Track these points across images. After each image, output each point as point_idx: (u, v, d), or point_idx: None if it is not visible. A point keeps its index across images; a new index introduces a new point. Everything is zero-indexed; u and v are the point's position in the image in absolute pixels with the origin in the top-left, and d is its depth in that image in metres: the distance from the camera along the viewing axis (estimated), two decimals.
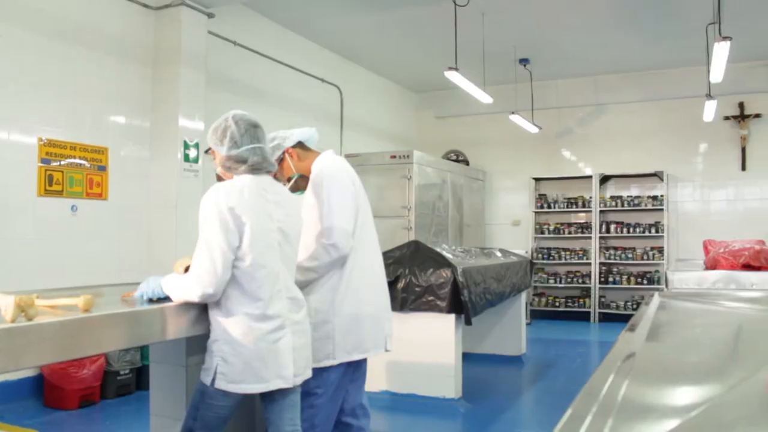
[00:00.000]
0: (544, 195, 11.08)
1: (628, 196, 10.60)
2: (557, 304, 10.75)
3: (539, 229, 11.01)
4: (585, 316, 10.52)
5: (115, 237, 5.99)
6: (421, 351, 5.34)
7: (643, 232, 10.36)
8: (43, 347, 1.99)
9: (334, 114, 9.35)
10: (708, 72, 7.35)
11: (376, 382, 5.37)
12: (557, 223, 10.95)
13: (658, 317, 1.77)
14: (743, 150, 10.09)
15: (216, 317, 2.50)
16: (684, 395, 0.94)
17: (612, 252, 10.55)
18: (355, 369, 3.13)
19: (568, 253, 10.81)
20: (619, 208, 10.57)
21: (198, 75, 6.43)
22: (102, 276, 5.42)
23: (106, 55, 5.93)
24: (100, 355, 5.29)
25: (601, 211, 10.61)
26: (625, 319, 1.60)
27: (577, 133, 11.11)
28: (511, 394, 6.14)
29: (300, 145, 3.20)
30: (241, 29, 7.45)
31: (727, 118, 10.10)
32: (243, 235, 2.47)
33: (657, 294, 2.23)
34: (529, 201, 11.11)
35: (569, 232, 10.81)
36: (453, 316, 5.22)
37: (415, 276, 5.26)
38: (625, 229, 10.49)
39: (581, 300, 10.63)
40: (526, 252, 10.25)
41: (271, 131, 3.04)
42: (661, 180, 10.33)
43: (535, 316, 10.59)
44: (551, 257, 10.88)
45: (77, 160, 5.65)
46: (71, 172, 5.60)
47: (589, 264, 10.59)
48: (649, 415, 0.81)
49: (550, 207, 10.97)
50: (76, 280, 4.81)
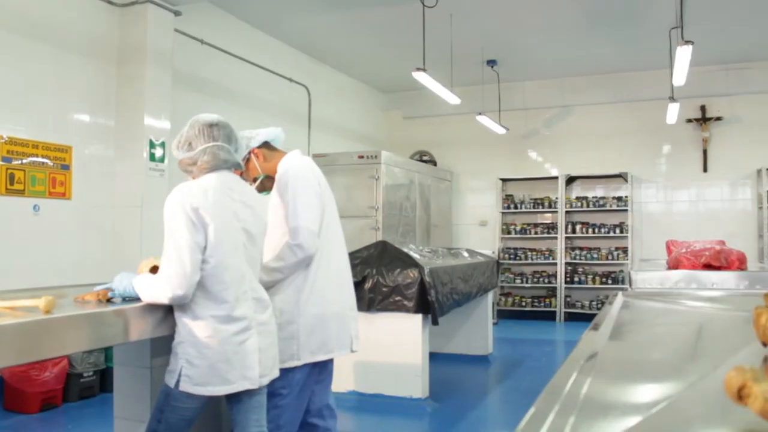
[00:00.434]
0: (511, 195, 11.17)
1: (594, 197, 10.72)
2: (524, 303, 10.84)
3: (506, 229, 11.09)
4: (551, 316, 10.62)
5: (79, 237, 5.89)
6: (388, 351, 5.35)
7: (608, 233, 10.49)
8: (3, 349, 1.94)
9: (302, 114, 9.32)
10: (671, 75, 7.47)
11: (343, 382, 5.37)
12: (524, 224, 11.04)
13: (621, 316, 1.79)
14: (705, 152, 10.27)
15: (181, 319, 2.47)
16: (645, 393, 0.95)
17: (577, 252, 10.66)
18: (321, 369, 3.11)
19: (534, 253, 10.90)
20: (584, 209, 10.69)
21: (164, 73, 6.36)
22: (65, 277, 5.33)
23: (70, 53, 5.84)
24: (62, 358, 5.20)
25: (566, 212, 10.73)
26: (590, 318, 1.63)
27: (543, 135, 11.22)
28: (478, 394, 6.18)
29: (266, 145, 3.17)
30: (208, 28, 7.38)
31: (689, 121, 10.28)
32: (207, 236, 2.45)
33: (620, 293, 2.26)
34: (496, 201, 11.19)
35: (536, 233, 10.90)
36: (420, 316, 5.23)
37: (382, 276, 5.26)
38: (590, 230, 10.61)
39: (547, 300, 10.73)
40: (493, 252, 10.30)
41: (238, 131, 3.02)
42: (626, 181, 10.47)
43: (502, 315, 10.66)
44: (518, 257, 10.96)
45: (40, 159, 5.55)
46: (34, 171, 5.50)
47: (555, 264, 10.69)
48: (610, 413, 0.82)
49: (516, 207, 11.05)
50: (38, 280, 4.73)
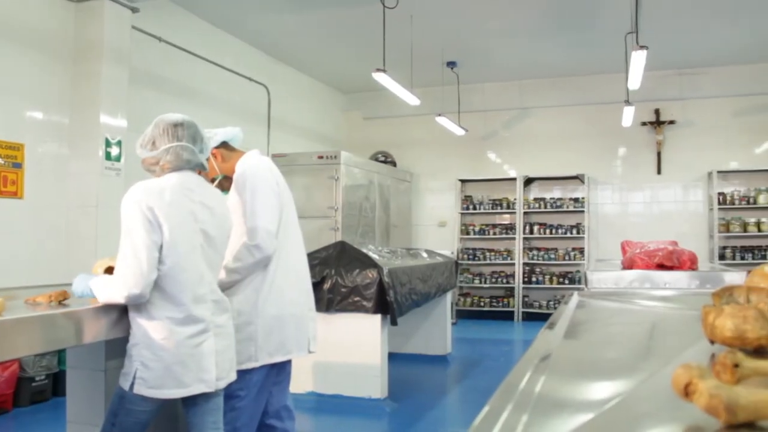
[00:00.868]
0: (470, 196, 11.24)
1: (551, 198, 10.86)
2: (482, 303, 10.92)
3: (465, 230, 11.16)
4: (509, 316, 10.72)
5: (32, 237, 5.75)
6: (347, 351, 5.35)
7: (565, 233, 10.63)
8: None
9: (261, 114, 9.26)
10: (626, 79, 7.61)
11: (301, 383, 5.35)
12: (482, 224, 11.12)
13: (576, 316, 1.82)
14: (659, 155, 10.48)
15: (136, 320, 2.43)
16: (597, 390, 0.97)
17: (535, 252, 10.78)
18: (279, 371, 3.09)
19: (492, 253, 10.99)
20: (542, 210, 10.82)
21: (121, 71, 6.25)
22: (17, 278, 5.20)
23: (24, 48, 5.71)
24: (13, 361, 5.07)
25: (524, 213, 10.84)
26: (547, 317, 1.65)
27: (502, 136, 11.32)
28: (437, 393, 6.21)
29: (224, 145, 3.15)
30: (166, 25, 7.27)
31: (644, 124, 10.48)
32: (163, 235, 2.42)
33: (576, 293, 2.29)
34: (455, 202, 11.25)
35: (494, 233, 10.99)
36: (379, 317, 5.24)
37: (341, 277, 5.26)
38: (547, 230, 10.74)
39: (505, 299, 10.82)
40: (452, 252, 10.36)
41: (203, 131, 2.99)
42: (583, 183, 10.63)
43: (461, 315, 10.72)
44: (476, 258, 11.04)
45: None
46: None
47: (513, 264, 10.80)
48: (563, 410, 0.83)
49: (475, 208, 11.13)
50: None
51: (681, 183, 10.49)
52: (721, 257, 9.83)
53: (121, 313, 2.47)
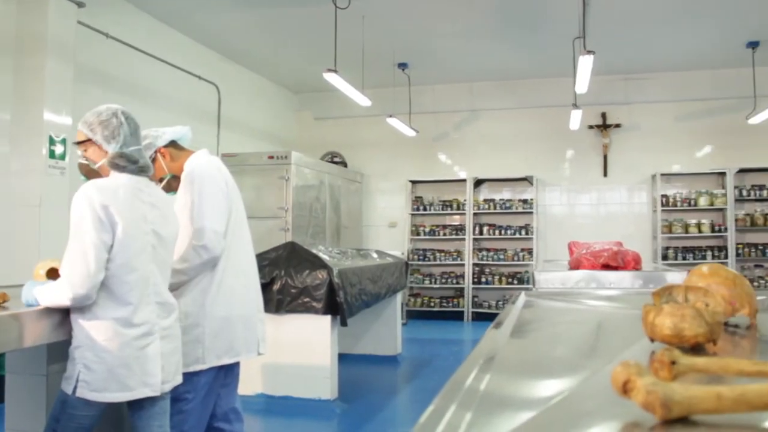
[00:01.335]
0: (421, 197, 11.30)
1: (501, 200, 10.98)
2: (432, 304, 10.98)
3: (415, 230, 11.21)
4: (459, 316, 10.80)
5: None
6: (297, 352, 5.32)
7: (514, 234, 10.76)
8: None
9: (211, 113, 9.14)
10: (574, 83, 7.75)
11: (250, 384, 5.31)
12: (433, 225, 11.18)
13: (522, 315, 1.85)
14: (605, 157, 10.70)
15: (78, 321, 2.37)
16: (541, 388, 0.99)
17: (485, 253, 10.89)
18: (227, 373, 3.06)
19: (442, 254, 11.06)
20: (491, 211, 10.93)
21: (66, 67, 6.10)
22: None
23: None
24: None
25: (474, 214, 10.94)
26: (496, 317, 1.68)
27: (452, 138, 11.40)
28: (387, 394, 6.22)
29: (173, 144, 3.10)
30: (114, 21, 7.11)
31: (591, 127, 10.68)
32: (115, 235, 2.37)
33: (523, 293, 2.33)
34: (406, 203, 11.29)
35: (444, 234, 11.06)
36: (329, 318, 5.23)
37: (291, 277, 5.23)
38: (497, 231, 10.85)
39: (455, 300, 10.90)
40: (402, 253, 10.41)
41: (144, 129, 2.95)
42: (531, 184, 10.78)
43: (411, 316, 10.77)
44: (426, 258, 11.10)
45: None
46: None
47: (463, 265, 10.88)
48: (507, 408, 0.85)
49: (426, 209, 11.18)
50: None
51: (626, 185, 10.73)
52: (664, 257, 10.08)
53: (64, 315, 2.41)
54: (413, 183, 11.32)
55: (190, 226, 2.87)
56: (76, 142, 2.59)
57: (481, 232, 10.91)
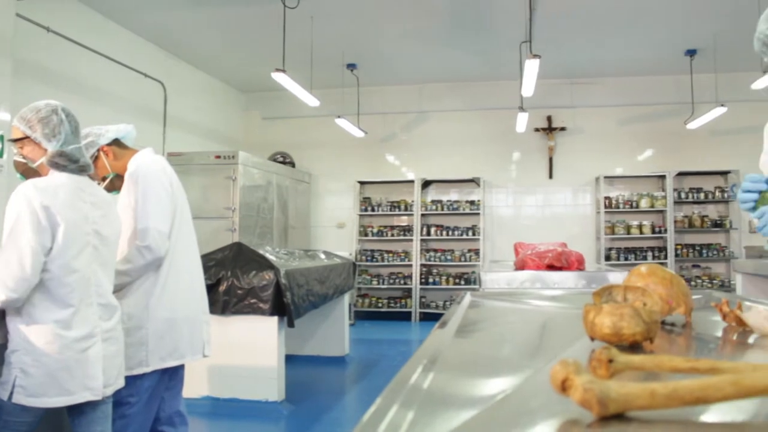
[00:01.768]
0: (369, 198, 11.30)
1: (448, 201, 11.06)
2: (380, 304, 11.00)
3: (363, 231, 11.21)
4: (406, 316, 10.84)
5: None
6: (244, 354, 5.27)
7: (462, 235, 10.85)
8: None
9: (157, 111, 8.98)
10: (521, 86, 7.87)
11: (196, 387, 5.24)
12: (381, 226, 11.20)
13: (468, 315, 1.86)
14: (551, 160, 10.88)
15: (16, 325, 2.30)
16: (484, 387, 1.00)
17: (432, 254, 10.95)
18: (171, 375, 3.02)
19: (390, 255, 11.09)
20: (439, 212, 11.00)
21: (3, 61, 5.91)
22: None
23: None
24: None
25: (422, 215, 10.99)
26: None
27: (401, 139, 11.44)
28: (334, 395, 6.21)
29: (116, 142, 3.05)
30: (56, 15, 6.90)
31: (537, 130, 10.85)
32: (56, 236, 2.31)
33: (469, 293, 2.35)
34: (354, 204, 11.29)
35: (392, 235, 11.09)
36: (276, 319, 5.19)
37: (237, 278, 5.18)
38: (444, 232, 10.92)
39: (403, 300, 10.94)
40: (350, 254, 10.40)
41: (87, 127, 2.88)
42: (478, 186, 10.89)
43: (359, 316, 10.77)
44: (374, 259, 11.11)
45: None
46: None
47: (411, 265, 10.93)
48: (449, 407, 0.85)
49: (374, 210, 11.19)
50: None
51: (571, 187, 10.93)
52: (607, 258, 10.30)
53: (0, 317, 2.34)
54: (361, 184, 11.33)
55: (134, 226, 2.82)
56: (12, 140, 2.51)
57: (428, 233, 10.97)
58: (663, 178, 10.45)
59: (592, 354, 0.88)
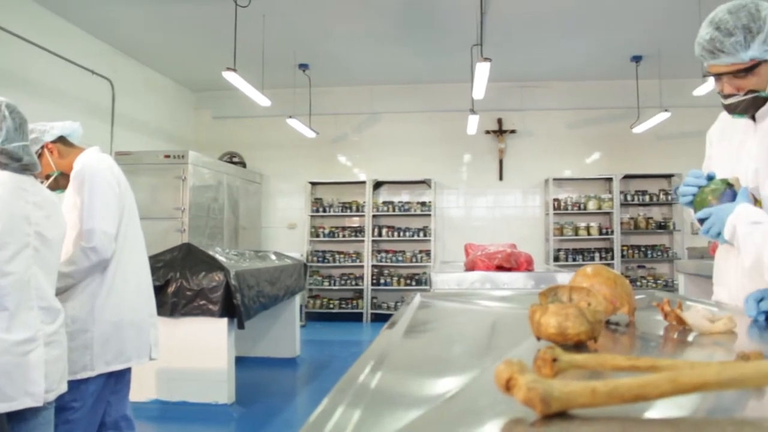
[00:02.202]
0: (320, 199, 11.27)
1: (399, 202, 11.10)
2: (331, 305, 10.98)
3: (315, 232, 11.17)
4: (358, 317, 10.84)
5: None
6: (193, 356, 5.21)
7: (413, 236, 10.89)
8: None
9: (104, 109, 8.78)
10: (472, 89, 7.94)
11: (144, 390, 5.16)
12: (332, 227, 11.18)
13: (417, 316, 1.87)
14: (501, 162, 11.01)
15: None
16: (431, 387, 1.01)
17: (384, 255, 10.98)
18: (117, 379, 2.96)
19: (342, 256, 11.08)
20: (390, 213, 11.03)
21: None
22: None
23: None
24: None
25: (373, 216, 11.01)
26: None
27: (352, 140, 11.44)
28: (285, 396, 6.17)
29: (61, 140, 2.98)
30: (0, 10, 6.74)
31: (488, 132, 10.97)
32: None
33: (418, 294, 2.36)
34: (305, 205, 11.24)
35: (344, 236, 11.08)
36: (225, 320, 5.15)
37: (186, 280, 5.12)
38: (396, 233, 10.96)
39: (354, 301, 10.94)
40: (301, 255, 10.37)
41: (30, 124, 2.81)
42: (430, 187, 10.96)
43: (310, 317, 10.73)
44: (326, 260, 11.08)
45: None
46: None
47: (362, 266, 10.93)
48: (396, 406, 0.86)
49: (325, 211, 11.17)
50: None
51: (521, 189, 11.07)
52: (556, 259, 10.46)
53: None
54: (313, 184, 11.29)
55: (79, 226, 2.76)
56: None
57: (380, 234, 10.99)
58: (610, 180, 10.66)
59: (537, 353, 0.89)
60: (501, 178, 11.03)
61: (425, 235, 10.86)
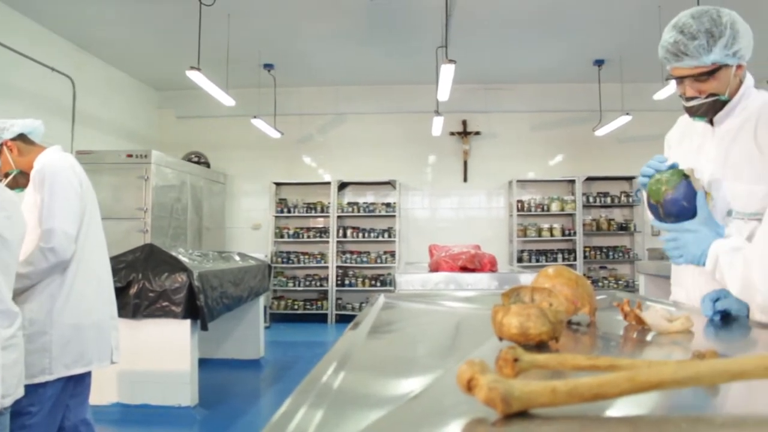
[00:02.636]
0: (285, 200, 11.21)
1: (364, 203, 11.10)
2: (296, 306, 10.93)
3: (279, 233, 11.11)
4: (323, 318, 10.82)
5: None
6: (155, 359, 5.15)
7: (378, 237, 10.90)
8: None
9: (65, 107, 8.62)
10: (437, 90, 7.98)
11: (105, 394, 5.09)
12: (297, 228, 11.13)
13: (381, 316, 1.87)
14: (465, 163, 11.07)
15: None
16: (394, 387, 1.01)
17: (348, 256, 10.96)
18: (77, 383, 2.91)
19: (306, 256, 11.04)
20: (355, 214, 11.02)
21: None
22: None
23: None
24: None
25: (338, 217, 10.99)
26: None
27: (317, 140, 11.41)
28: (249, 398, 6.13)
29: (22, 137, 2.93)
30: None
31: (452, 134, 11.02)
32: None
33: (382, 295, 2.36)
34: (270, 205, 11.18)
35: (308, 237, 11.04)
36: (189, 322, 5.10)
37: (148, 281, 5.05)
38: (360, 234, 10.95)
39: (319, 302, 10.91)
40: (266, 256, 10.32)
41: None
42: (394, 188, 10.98)
43: (275, 319, 10.68)
44: (290, 261, 11.03)
45: None
46: None
47: (327, 267, 10.91)
48: (359, 407, 0.86)
49: (290, 212, 11.11)
50: None
51: (485, 190, 11.14)
52: (519, 260, 10.56)
53: None
54: (277, 185, 11.23)
55: (39, 227, 2.71)
56: None
57: (344, 235, 10.97)
58: (573, 182, 10.79)
59: (499, 354, 0.90)
60: (465, 180, 11.10)
61: (390, 236, 10.88)
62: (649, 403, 0.85)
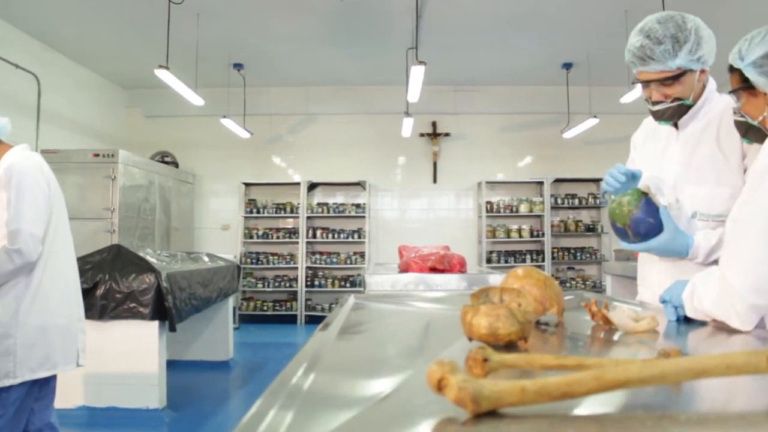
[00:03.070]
0: (254, 200, 11.15)
1: (334, 204, 11.08)
2: (265, 307, 10.88)
3: (248, 233, 11.05)
4: (292, 319, 10.78)
5: None
6: (122, 361, 5.09)
7: (347, 238, 10.89)
8: None
9: (29, 105, 8.47)
10: (406, 92, 8.00)
11: (70, 397, 5.01)
12: (266, 228, 11.08)
13: (351, 317, 1.88)
14: (435, 164, 11.11)
15: None
16: (364, 388, 1.01)
17: (318, 257, 10.94)
18: (42, 386, 2.86)
19: (276, 257, 10.99)
20: (325, 215, 11.00)
21: None
22: None
23: None
24: None
25: (308, 217, 10.96)
26: None
27: (287, 141, 11.37)
28: (218, 400, 6.08)
29: None
30: None
31: (422, 135, 11.06)
32: None
33: (352, 296, 2.37)
34: (239, 206, 11.11)
35: (278, 237, 10.99)
36: (156, 323, 5.04)
37: (116, 282, 4.99)
38: (330, 235, 10.94)
39: (288, 303, 10.88)
40: (235, 256, 10.26)
41: None
42: (364, 189, 10.98)
43: (244, 320, 10.62)
44: (260, 262, 10.98)
45: None
46: None
47: (296, 268, 10.88)
48: (329, 408, 0.86)
49: (259, 212, 11.06)
50: None
51: (454, 191, 11.20)
52: (488, 261, 10.62)
53: None
54: (247, 185, 11.17)
55: (4, 227, 2.66)
56: None
57: (314, 236, 10.95)
58: (541, 184, 10.89)
59: (468, 354, 0.91)
60: (435, 181, 11.14)
61: (359, 236, 10.88)
62: (616, 401, 0.86)
